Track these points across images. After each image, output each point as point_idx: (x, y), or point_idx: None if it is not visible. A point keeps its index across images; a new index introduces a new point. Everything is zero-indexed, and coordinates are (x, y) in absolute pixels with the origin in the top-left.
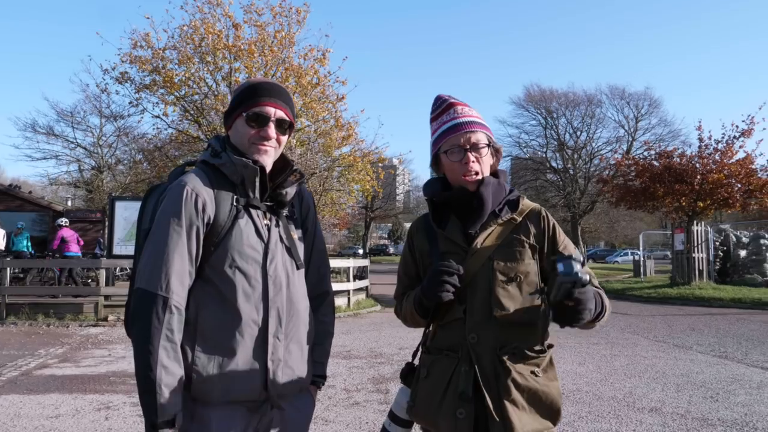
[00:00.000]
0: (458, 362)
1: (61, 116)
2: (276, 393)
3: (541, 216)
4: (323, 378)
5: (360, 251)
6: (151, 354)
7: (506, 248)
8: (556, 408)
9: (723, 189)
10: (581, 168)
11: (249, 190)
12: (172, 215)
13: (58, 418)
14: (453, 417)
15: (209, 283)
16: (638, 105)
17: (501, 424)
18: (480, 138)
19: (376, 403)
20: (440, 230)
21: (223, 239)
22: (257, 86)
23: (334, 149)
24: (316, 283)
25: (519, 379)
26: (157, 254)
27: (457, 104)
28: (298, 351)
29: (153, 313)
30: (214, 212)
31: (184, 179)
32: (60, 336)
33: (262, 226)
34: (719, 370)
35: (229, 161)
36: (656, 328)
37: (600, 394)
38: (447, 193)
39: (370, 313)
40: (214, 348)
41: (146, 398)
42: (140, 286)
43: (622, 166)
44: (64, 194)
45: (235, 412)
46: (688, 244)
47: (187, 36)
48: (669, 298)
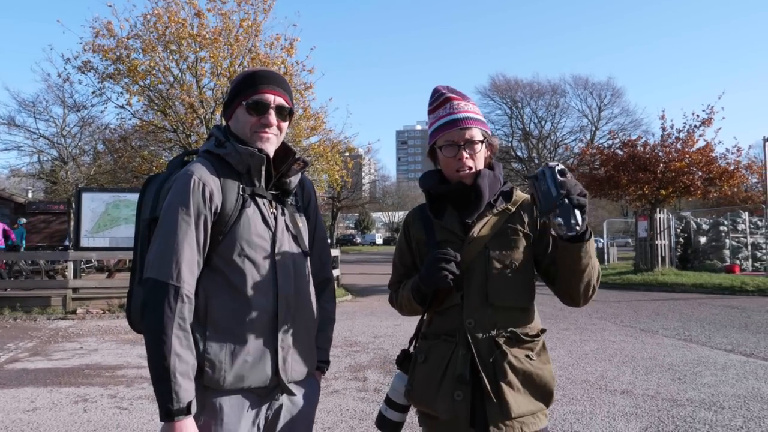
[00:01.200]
0: (456, 346)
1: (23, 106)
2: (286, 379)
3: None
4: (327, 363)
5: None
6: (164, 343)
7: (501, 237)
8: (549, 390)
9: (684, 177)
10: (546, 157)
11: (255, 179)
12: (180, 205)
13: (35, 411)
14: (451, 399)
15: (218, 273)
16: (601, 95)
17: (498, 405)
18: (474, 134)
19: (354, 391)
20: (437, 220)
21: (231, 228)
22: (255, 74)
23: (302, 139)
24: (318, 271)
25: (515, 362)
26: (166, 244)
27: (454, 99)
28: (305, 337)
29: (165, 303)
30: (221, 201)
31: (191, 168)
32: (28, 330)
33: (268, 215)
34: (685, 353)
35: (234, 151)
36: (623, 314)
37: (573, 377)
38: (445, 186)
39: (342, 302)
40: (225, 336)
41: (161, 386)
42: (151, 276)
43: (586, 155)
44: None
45: (246, 399)
46: (651, 231)
47: (151, 24)
48: (633, 284)
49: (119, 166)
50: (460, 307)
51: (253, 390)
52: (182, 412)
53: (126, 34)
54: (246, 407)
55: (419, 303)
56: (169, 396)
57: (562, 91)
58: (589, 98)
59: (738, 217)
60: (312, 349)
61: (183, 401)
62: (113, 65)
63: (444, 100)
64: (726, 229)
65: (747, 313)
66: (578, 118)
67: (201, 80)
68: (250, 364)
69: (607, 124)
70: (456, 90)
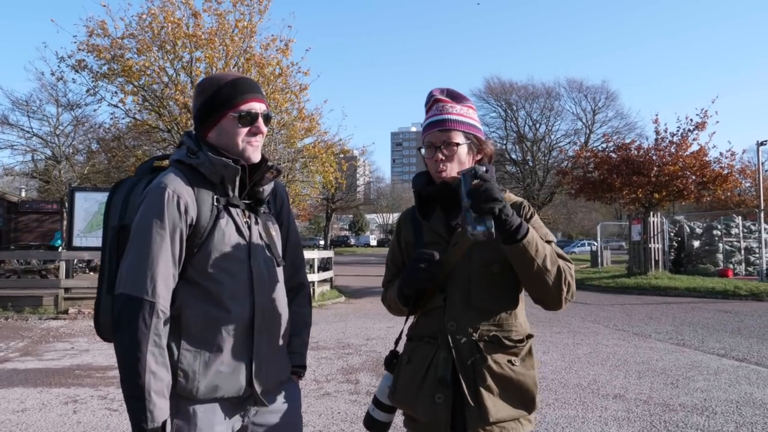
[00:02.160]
0: (437, 348)
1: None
2: (260, 389)
3: (523, 207)
4: (303, 368)
5: (321, 242)
6: (139, 360)
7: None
8: (531, 396)
9: (678, 181)
10: (540, 160)
11: (229, 189)
12: (154, 218)
13: (24, 412)
14: (431, 401)
15: (193, 284)
16: (595, 98)
17: (476, 409)
18: (453, 136)
19: (346, 393)
20: (424, 221)
21: (205, 240)
22: (237, 83)
23: (297, 140)
24: (292, 276)
25: (494, 367)
26: (141, 258)
27: (441, 100)
28: (279, 346)
29: (140, 319)
30: (197, 213)
31: (164, 180)
32: (19, 329)
33: (242, 225)
34: (678, 357)
35: (208, 161)
36: (616, 317)
37: (565, 381)
38: (432, 187)
39: (335, 304)
40: (199, 345)
41: (134, 404)
42: (125, 292)
43: (580, 158)
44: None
45: (221, 407)
46: (645, 235)
47: (146, 24)
48: (626, 287)
49: (113, 166)
50: (442, 309)
51: (227, 399)
52: (157, 431)
53: (121, 34)
54: (220, 416)
55: (403, 304)
56: (143, 415)
57: (556, 94)
58: (583, 101)
59: (731, 221)
60: (285, 356)
61: (158, 420)
62: (107, 65)
63: (433, 102)
64: (719, 233)
65: (740, 317)
66: (573, 121)
67: (196, 80)
68: (225, 374)
69: (602, 127)
70: (455, 92)
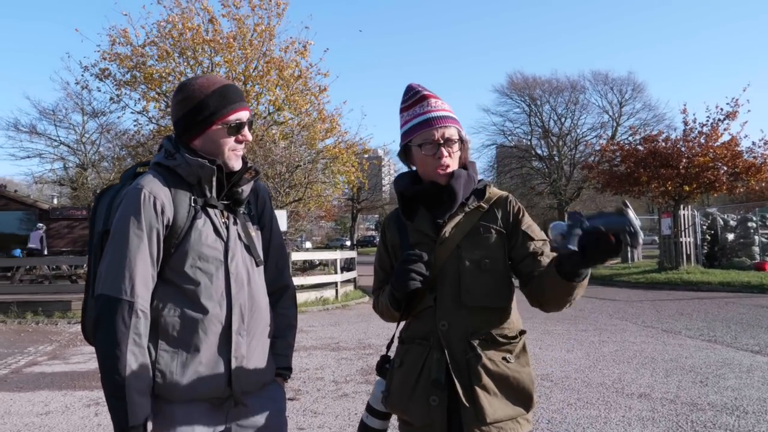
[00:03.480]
0: (430, 350)
1: (43, 114)
2: (240, 390)
3: (508, 201)
4: (288, 370)
5: (347, 243)
6: (119, 359)
7: (474, 236)
8: (528, 394)
9: (709, 172)
10: (566, 155)
11: (206, 190)
12: (131, 219)
13: (47, 414)
14: (426, 404)
15: (170, 284)
16: (622, 90)
17: (473, 410)
18: (453, 133)
19: (365, 395)
20: (409, 222)
21: (182, 240)
22: (224, 92)
23: (317, 141)
24: (275, 278)
25: (490, 365)
26: (118, 259)
27: (431, 97)
28: (260, 347)
29: (119, 318)
30: (173, 214)
31: (141, 182)
32: (49, 333)
33: (220, 225)
34: (708, 354)
35: (184, 162)
36: (645, 314)
37: (589, 380)
38: (418, 187)
39: (358, 304)
40: (177, 346)
41: (115, 403)
42: (103, 292)
43: (607, 152)
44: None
45: (199, 408)
46: (675, 229)
47: (165, 31)
48: (657, 283)
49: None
50: (433, 309)
51: (207, 400)
52: (138, 429)
53: (142, 42)
54: (199, 417)
55: (395, 309)
56: (123, 414)
57: (581, 87)
58: (609, 94)
59: (767, 212)
60: (267, 358)
61: (139, 419)
62: (130, 72)
63: (420, 98)
64: (755, 225)
65: None
66: (599, 114)
67: None
68: (203, 375)
69: (629, 119)
70: (429, 89)
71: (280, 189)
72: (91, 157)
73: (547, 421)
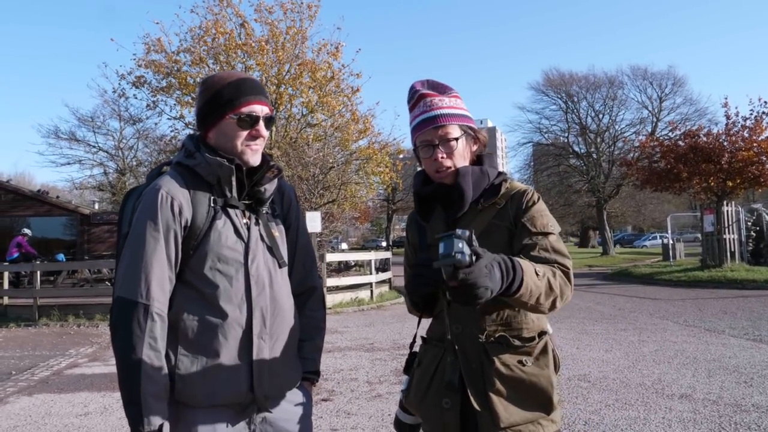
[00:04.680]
0: (444, 352)
1: (82, 121)
2: (262, 395)
3: (525, 195)
4: (316, 374)
5: (383, 243)
6: (134, 363)
7: (485, 235)
8: (547, 397)
9: (753, 167)
10: (605, 151)
11: (226, 190)
12: (148, 220)
13: (87, 416)
14: (439, 406)
15: (189, 287)
16: (661, 84)
17: (487, 414)
18: (450, 131)
19: (398, 396)
20: (424, 223)
21: (201, 242)
22: (239, 85)
23: (351, 143)
24: (303, 279)
25: (503, 370)
26: (135, 261)
27: (428, 95)
28: (284, 351)
29: (134, 322)
30: (192, 215)
31: (158, 183)
32: (90, 336)
33: (241, 226)
34: (753, 354)
35: (204, 161)
36: (686, 313)
37: (628, 381)
38: (428, 188)
39: (393, 305)
40: (197, 350)
41: (131, 409)
42: (120, 295)
43: (646, 148)
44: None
45: (221, 414)
46: (719, 226)
47: (198, 38)
48: (699, 281)
49: None
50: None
51: (228, 406)
52: None
53: (176, 49)
54: (221, 423)
55: (416, 310)
56: (139, 419)
57: (619, 83)
58: (648, 89)
59: None
60: (293, 362)
61: (154, 424)
62: (165, 79)
63: (418, 98)
64: None
65: None
66: (638, 110)
67: None
68: (223, 380)
69: (669, 114)
70: (437, 83)
71: (314, 190)
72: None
73: (584, 422)
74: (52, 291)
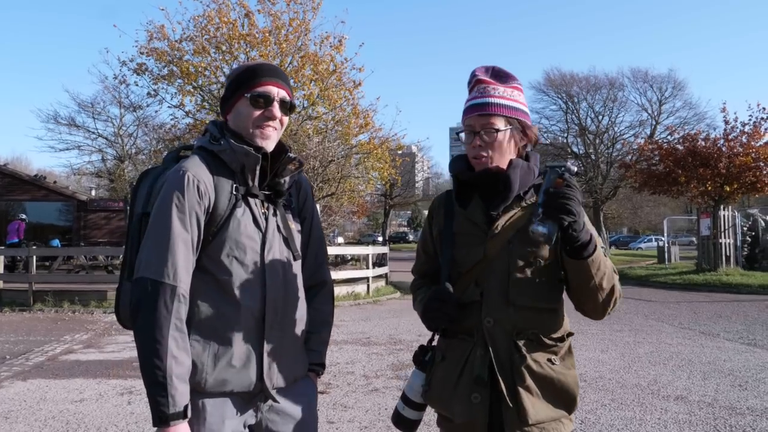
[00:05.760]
0: (474, 346)
1: (82, 107)
2: (271, 384)
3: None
4: (321, 366)
5: (379, 239)
6: (160, 344)
7: (527, 233)
8: (572, 397)
9: (751, 172)
10: (603, 153)
11: (249, 179)
12: (174, 202)
13: (82, 402)
14: (468, 401)
15: (206, 273)
16: (662, 88)
17: (515, 409)
18: (494, 122)
19: (395, 390)
20: (461, 209)
21: (221, 228)
22: (257, 68)
23: (351, 137)
24: (314, 272)
25: (534, 367)
26: (161, 242)
27: (485, 82)
28: (293, 342)
29: (161, 303)
30: (214, 200)
31: (185, 165)
32: (85, 322)
33: (259, 215)
34: (748, 357)
35: (229, 148)
36: (681, 315)
37: (623, 381)
38: (473, 173)
39: (389, 300)
40: (209, 337)
41: (155, 390)
42: (145, 275)
43: (645, 151)
44: (88, 184)
45: (230, 401)
46: (715, 230)
47: (201, 27)
48: (695, 284)
49: None
50: (479, 304)
51: (237, 394)
52: (179, 416)
53: (178, 37)
54: (230, 410)
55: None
56: (165, 400)
57: (620, 85)
58: (648, 91)
59: None
60: (301, 354)
61: (179, 405)
62: (167, 67)
63: (475, 83)
64: None
65: None
66: (637, 112)
67: None
68: (234, 368)
69: (669, 117)
70: (501, 71)
71: (314, 183)
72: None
73: (581, 421)
74: (47, 276)
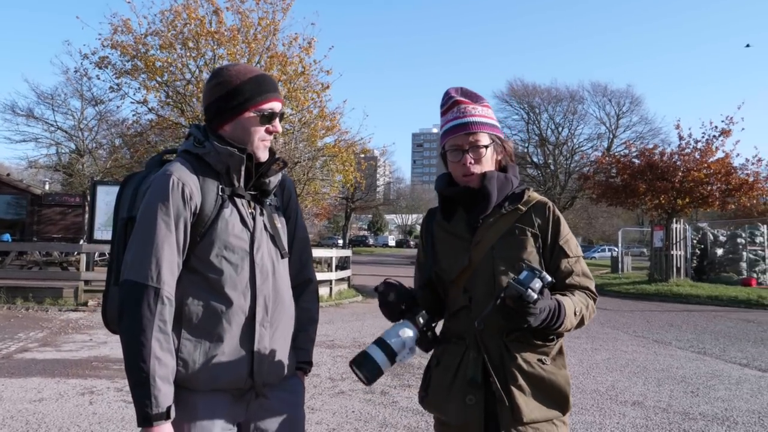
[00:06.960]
0: (466, 349)
1: (42, 98)
2: (261, 381)
3: (547, 207)
4: (309, 364)
5: (339, 242)
6: (143, 346)
7: (509, 237)
8: (564, 396)
9: (702, 187)
10: (562, 164)
11: (234, 179)
12: (159, 205)
13: (41, 401)
14: (463, 403)
15: (195, 273)
16: (620, 102)
17: (509, 409)
18: (480, 139)
19: (361, 393)
20: (446, 222)
21: (209, 229)
22: (261, 81)
23: (317, 139)
24: (299, 271)
25: (525, 366)
26: (145, 245)
27: (462, 102)
28: (282, 339)
29: (144, 305)
30: (201, 202)
31: (170, 168)
32: (39, 320)
33: (247, 215)
34: (698, 365)
35: (213, 150)
36: (635, 324)
37: (583, 387)
38: (454, 189)
39: (351, 303)
40: (200, 335)
41: (139, 391)
42: (130, 278)
43: (602, 164)
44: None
45: (221, 398)
46: (667, 242)
47: (168, 21)
48: (647, 294)
49: (135, 161)
50: (468, 309)
51: (228, 391)
52: (161, 416)
53: (144, 31)
54: (221, 407)
55: None
56: (148, 401)
57: (580, 98)
58: (607, 105)
59: (756, 229)
60: (289, 351)
61: (162, 406)
62: (131, 61)
63: (453, 104)
64: (743, 241)
65: (763, 327)
66: (596, 126)
67: None
68: (225, 365)
69: (625, 132)
70: (470, 92)
71: None
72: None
73: None
74: None
